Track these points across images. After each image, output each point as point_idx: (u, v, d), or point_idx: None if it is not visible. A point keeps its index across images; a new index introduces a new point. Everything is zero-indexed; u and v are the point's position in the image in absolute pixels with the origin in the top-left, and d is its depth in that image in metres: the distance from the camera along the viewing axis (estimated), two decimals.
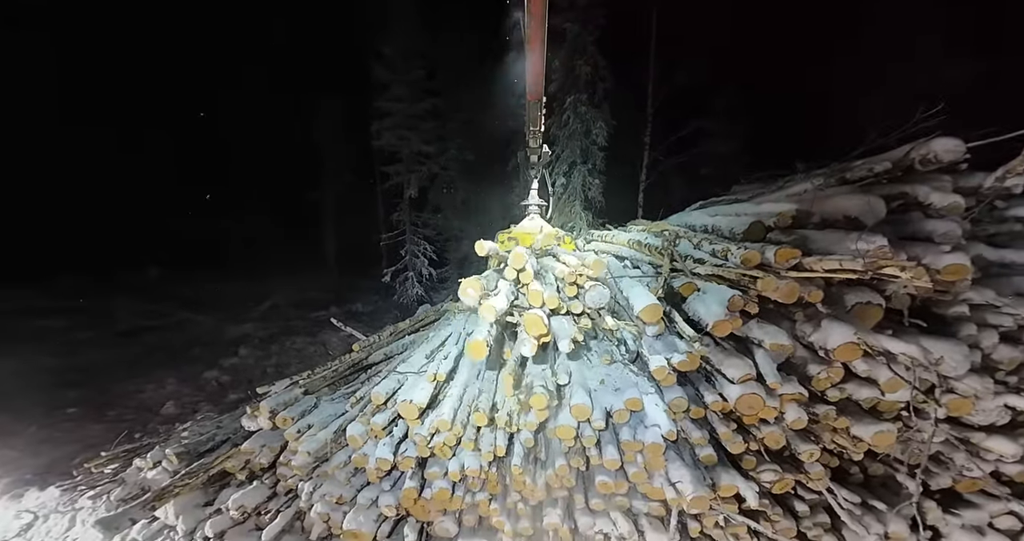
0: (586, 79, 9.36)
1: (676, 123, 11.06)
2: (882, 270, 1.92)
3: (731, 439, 2.52)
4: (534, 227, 4.28)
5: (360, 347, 4.11)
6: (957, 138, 2.51)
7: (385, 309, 11.13)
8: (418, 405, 2.70)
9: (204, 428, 3.94)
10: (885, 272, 1.92)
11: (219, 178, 17.02)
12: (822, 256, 2.18)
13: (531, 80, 2.94)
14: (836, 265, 2.05)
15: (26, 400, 5.70)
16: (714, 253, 2.75)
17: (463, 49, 11.82)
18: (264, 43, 16.31)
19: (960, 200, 2.55)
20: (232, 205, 17.01)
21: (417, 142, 10.72)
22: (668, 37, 10.22)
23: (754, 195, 3.57)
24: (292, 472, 3.05)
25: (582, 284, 2.76)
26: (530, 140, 3.81)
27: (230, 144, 16.71)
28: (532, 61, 2.71)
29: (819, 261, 2.16)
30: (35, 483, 3.77)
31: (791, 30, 11.49)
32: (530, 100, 3.24)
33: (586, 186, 9.49)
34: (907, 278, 1.78)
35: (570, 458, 2.59)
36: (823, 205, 2.60)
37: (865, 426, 2.38)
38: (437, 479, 2.70)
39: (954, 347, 2.24)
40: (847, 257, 2.07)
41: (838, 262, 2.06)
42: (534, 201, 4.36)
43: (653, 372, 2.55)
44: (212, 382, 6.62)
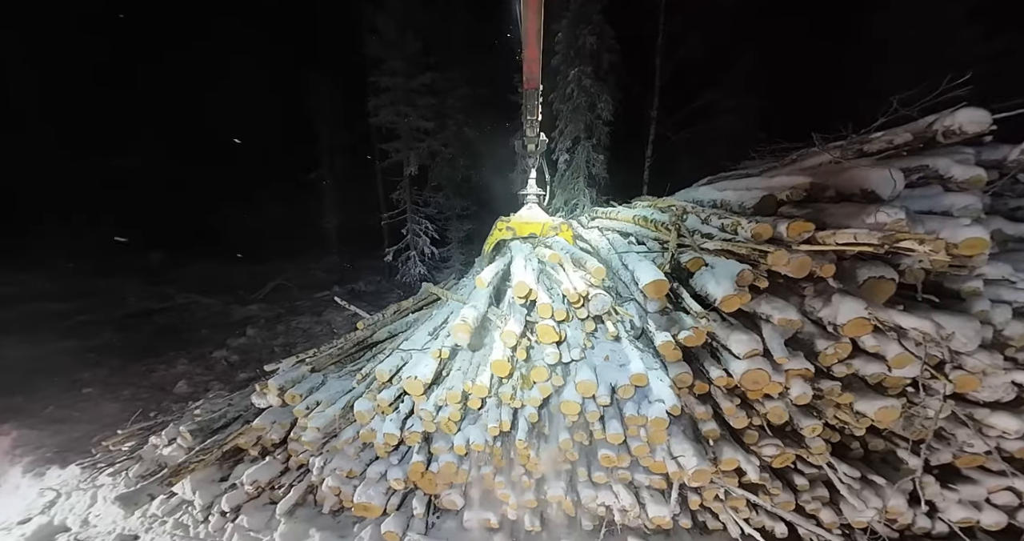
0: (591, 50, 8.96)
1: (685, 96, 10.68)
2: (899, 244, 1.85)
3: (734, 414, 2.53)
4: (532, 217, 4.24)
5: (365, 326, 4.13)
6: (982, 109, 2.39)
7: (388, 288, 11.16)
8: (423, 381, 2.73)
9: (216, 406, 4.03)
10: (902, 246, 1.85)
11: (219, 160, 16.79)
12: (836, 230, 2.12)
13: (527, 69, 2.81)
14: (851, 239, 1.99)
15: (42, 381, 5.84)
16: (723, 227, 2.68)
17: (461, 21, 11.34)
18: (259, 20, 15.71)
19: (982, 173, 2.45)
20: (233, 187, 16.86)
21: (416, 118, 10.44)
22: (677, 5, 9.72)
23: (765, 169, 3.46)
24: (303, 447, 3.12)
25: (588, 297, 2.78)
26: (527, 129, 3.71)
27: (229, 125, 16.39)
28: (528, 48, 2.58)
29: (833, 235, 2.09)
30: (56, 461, 3.89)
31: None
32: (527, 89, 3.11)
33: (590, 162, 9.27)
34: (924, 252, 1.72)
35: (574, 432, 2.62)
36: (839, 178, 2.51)
37: (869, 402, 2.38)
38: (443, 453, 2.76)
39: (966, 322, 2.20)
40: (863, 231, 2.00)
41: (853, 236, 1.99)
42: (532, 190, 4.30)
43: (659, 347, 2.54)
44: (221, 361, 6.73)
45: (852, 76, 10.74)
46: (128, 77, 16.17)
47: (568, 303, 2.89)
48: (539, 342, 2.72)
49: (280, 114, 15.64)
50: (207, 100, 16.24)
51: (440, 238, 11.59)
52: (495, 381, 2.69)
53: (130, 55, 15.99)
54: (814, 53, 11.12)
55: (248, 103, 15.84)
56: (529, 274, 3.10)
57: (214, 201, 17.00)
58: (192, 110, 16.46)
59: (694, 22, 9.76)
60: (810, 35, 11.18)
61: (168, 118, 16.61)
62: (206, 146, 16.80)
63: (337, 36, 13.03)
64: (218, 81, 15.97)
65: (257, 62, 15.79)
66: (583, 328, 2.87)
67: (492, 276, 3.33)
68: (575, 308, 2.88)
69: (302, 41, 15.01)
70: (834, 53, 10.92)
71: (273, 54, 15.62)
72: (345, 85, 12.82)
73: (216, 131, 16.49)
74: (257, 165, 16.72)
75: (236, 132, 16.07)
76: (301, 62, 13.64)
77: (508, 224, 4.25)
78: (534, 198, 4.34)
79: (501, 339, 2.69)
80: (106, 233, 15.16)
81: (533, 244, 4.06)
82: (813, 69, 11.17)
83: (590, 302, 2.76)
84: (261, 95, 15.91)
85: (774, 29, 11.02)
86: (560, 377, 2.64)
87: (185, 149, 16.95)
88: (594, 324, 2.89)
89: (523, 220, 4.21)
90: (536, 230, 4.24)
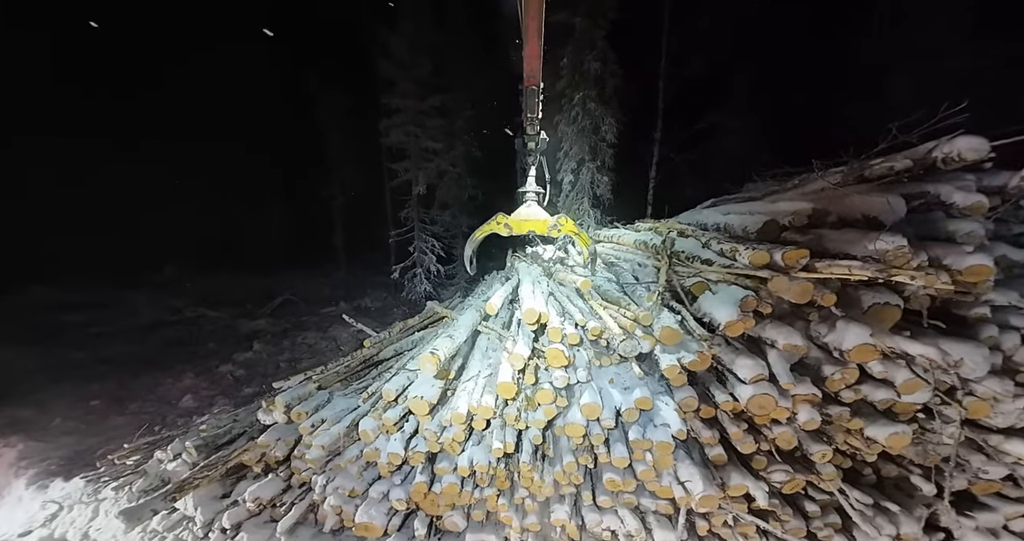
0: (595, 75, 9.25)
1: (688, 119, 10.90)
2: (894, 277, 1.89)
3: (742, 439, 2.51)
4: (531, 215, 4.17)
5: (371, 344, 4.16)
6: (981, 137, 2.43)
7: (393, 305, 11.24)
8: (429, 401, 2.74)
9: (222, 421, 4.04)
10: (897, 279, 1.88)
11: (233, 176, 17.29)
12: (832, 261, 2.15)
13: (528, 66, 2.84)
14: (846, 271, 2.02)
15: (50, 393, 5.91)
16: (722, 252, 2.71)
17: (470, 45, 11.78)
18: (275, 41, 16.44)
19: (984, 199, 2.47)
20: (246, 203, 17.29)
21: (425, 139, 10.74)
22: (680, 30, 10.04)
23: (768, 193, 3.52)
24: (306, 465, 3.11)
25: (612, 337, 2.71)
26: (527, 127, 3.71)
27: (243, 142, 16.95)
28: (529, 46, 2.61)
29: (829, 266, 2.13)
30: (60, 474, 3.91)
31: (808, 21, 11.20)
32: (527, 86, 3.13)
33: (595, 183, 9.42)
34: (919, 285, 1.74)
35: (579, 455, 2.60)
36: (841, 204, 2.55)
37: (879, 427, 2.35)
38: (446, 474, 2.74)
39: (974, 349, 2.19)
40: (857, 263, 2.03)
41: (847, 268, 2.03)
42: (531, 188, 4.26)
43: (664, 371, 2.54)
44: (227, 376, 6.78)
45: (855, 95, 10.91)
46: (147, 90, 16.82)
47: (583, 330, 2.86)
48: (549, 367, 2.71)
49: (295, 132, 16.15)
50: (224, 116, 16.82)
51: (446, 256, 11.72)
52: (500, 402, 2.69)
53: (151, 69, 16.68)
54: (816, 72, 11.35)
55: (264, 120, 16.41)
56: (538, 299, 3.10)
57: (229, 215, 17.40)
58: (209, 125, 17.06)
59: (696, 46, 10.05)
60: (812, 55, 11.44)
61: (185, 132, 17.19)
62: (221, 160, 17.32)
63: (352, 58, 13.57)
64: (236, 98, 16.58)
65: (274, 80, 16.43)
66: (590, 354, 2.86)
67: (502, 303, 3.34)
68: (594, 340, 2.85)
69: (318, 61, 15.62)
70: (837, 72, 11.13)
71: (290, 73, 16.23)
72: (358, 105, 13.28)
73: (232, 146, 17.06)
74: (271, 180, 17.16)
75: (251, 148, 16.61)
76: (317, 81, 14.16)
77: (507, 220, 4.16)
78: (534, 196, 4.29)
79: (509, 362, 2.69)
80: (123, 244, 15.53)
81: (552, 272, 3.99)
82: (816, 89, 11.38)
83: (619, 345, 2.66)
84: (277, 112, 16.47)
85: (775, 50, 11.31)
86: (565, 399, 2.63)
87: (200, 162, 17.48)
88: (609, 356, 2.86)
89: (522, 217, 4.15)
90: (535, 227, 4.16)
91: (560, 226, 4.13)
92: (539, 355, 2.79)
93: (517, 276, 4.04)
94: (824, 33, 11.21)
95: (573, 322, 2.89)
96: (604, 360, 2.82)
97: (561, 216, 4.23)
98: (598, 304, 2.91)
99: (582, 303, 3.05)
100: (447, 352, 2.80)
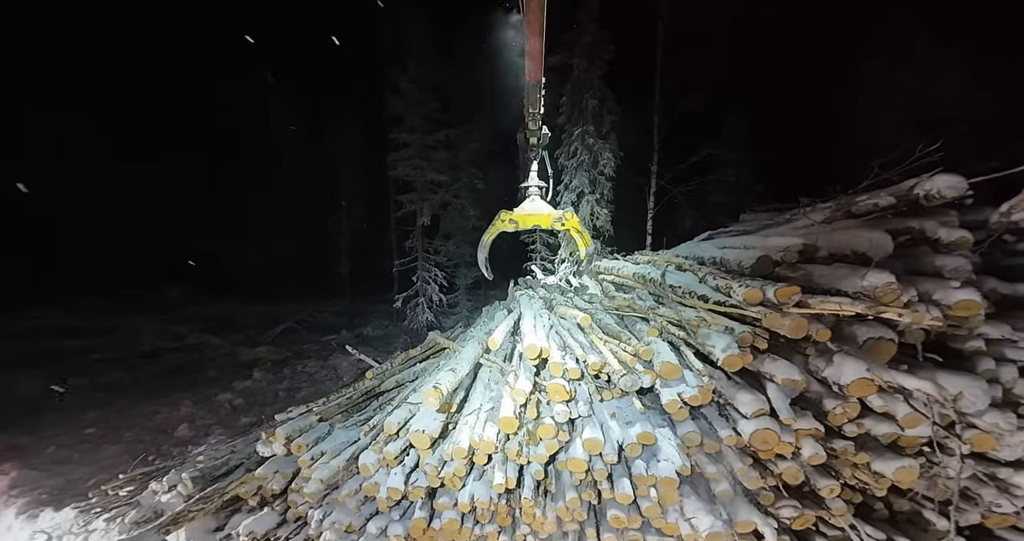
0: (593, 112, 9.74)
1: (683, 152, 11.32)
2: (882, 314, 1.95)
3: (747, 474, 2.48)
4: (535, 209, 4.19)
5: (373, 375, 4.17)
6: (958, 175, 2.56)
7: (395, 334, 11.22)
8: (430, 435, 2.73)
9: (219, 452, 3.99)
10: (885, 316, 1.94)
11: (240, 204, 17.78)
12: (824, 297, 2.22)
13: (530, 62, 2.92)
14: (836, 307, 2.09)
15: (47, 420, 5.85)
16: (718, 288, 2.79)
17: (475, 82, 12.46)
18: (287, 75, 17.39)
19: (967, 235, 2.57)
20: (254, 230, 17.66)
21: (430, 171, 11.14)
22: (673, 68, 10.63)
23: (761, 227, 3.63)
24: (303, 499, 3.06)
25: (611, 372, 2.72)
26: (529, 122, 3.76)
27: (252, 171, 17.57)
28: (530, 43, 2.69)
29: (820, 302, 2.20)
30: (51, 503, 3.83)
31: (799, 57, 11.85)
32: (529, 81, 3.19)
33: (595, 215, 9.67)
34: (907, 322, 1.81)
35: (581, 491, 2.56)
36: (830, 239, 2.65)
37: (886, 462, 2.32)
38: (447, 510, 2.69)
39: (972, 382, 2.21)
40: (847, 300, 2.11)
41: (838, 304, 2.10)
42: (534, 182, 4.31)
43: (665, 406, 2.55)
44: (225, 405, 6.70)
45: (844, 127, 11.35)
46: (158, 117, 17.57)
47: (584, 364, 2.86)
48: (550, 401, 2.71)
49: (305, 163, 16.74)
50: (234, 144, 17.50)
51: (448, 285, 11.83)
52: (502, 436, 2.68)
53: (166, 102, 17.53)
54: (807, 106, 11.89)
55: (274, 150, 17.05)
56: (540, 333, 3.13)
57: (236, 241, 17.73)
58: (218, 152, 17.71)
59: (689, 82, 10.60)
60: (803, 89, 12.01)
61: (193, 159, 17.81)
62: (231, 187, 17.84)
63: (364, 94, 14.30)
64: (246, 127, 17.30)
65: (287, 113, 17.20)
66: (591, 388, 2.86)
67: (504, 337, 3.38)
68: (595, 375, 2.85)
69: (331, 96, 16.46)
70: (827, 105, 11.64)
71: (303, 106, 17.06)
72: (368, 140, 13.87)
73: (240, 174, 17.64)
74: (280, 208, 17.59)
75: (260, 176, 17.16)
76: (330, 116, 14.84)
77: (511, 216, 4.16)
78: (536, 190, 4.31)
79: (511, 396, 2.70)
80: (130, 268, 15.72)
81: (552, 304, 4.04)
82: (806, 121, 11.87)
83: (619, 379, 2.66)
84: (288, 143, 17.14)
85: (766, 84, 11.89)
86: (567, 434, 2.63)
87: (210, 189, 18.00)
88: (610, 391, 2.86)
89: (526, 212, 4.15)
90: (540, 222, 4.17)
91: (565, 220, 4.17)
92: (541, 389, 2.80)
93: (518, 308, 4.10)
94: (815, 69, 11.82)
95: (574, 357, 2.91)
96: (605, 394, 2.82)
97: (567, 210, 4.28)
98: (598, 338, 2.95)
99: (583, 337, 3.09)
100: (450, 386, 2.81)
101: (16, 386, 6.99)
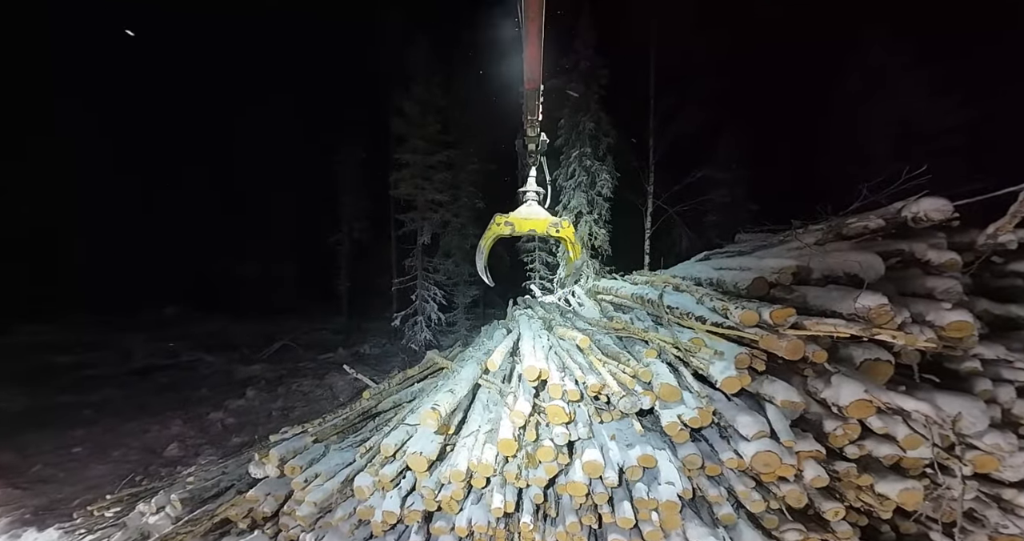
0: (590, 134, 10.02)
1: (679, 172, 11.59)
2: (877, 336, 1.99)
3: (750, 497, 2.44)
4: (532, 214, 4.17)
5: (370, 395, 4.13)
6: (943, 198, 2.64)
7: (392, 352, 11.11)
8: (428, 457, 2.69)
9: (209, 473, 3.89)
10: (879, 338, 1.98)
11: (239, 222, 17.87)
12: (819, 319, 2.26)
13: (529, 68, 2.96)
14: (831, 329, 2.12)
15: (35, 437, 5.71)
16: (715, 310, 2.82)
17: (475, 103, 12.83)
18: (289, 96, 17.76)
19: (957, 257, 2.64)
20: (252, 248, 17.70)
21: (431, 191, 11.32)
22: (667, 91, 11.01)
23: (756, 248, 3.70)
24: (295, 522, 2.97)
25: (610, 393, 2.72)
26: (527, 129, 3.80)
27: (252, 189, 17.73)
28: (529, 50, 2.75)
29: (816, 324, 2.23)
30: (34, 523, 3.71)
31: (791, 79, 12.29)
32: (528, 89, 3.25)
33: (593, 235, 9.80)
34: (901, 344, 1.84)
35: (582, 515, 2.51)
36: (823, 262, 2.71)
37: (890, 483, 2.30)
38: (444, 534, 2.62)
39: (971, 403, 2.22)
40: (841, 322, 2.14)
41: (833, 326, 2.13)
42: (532, 188, 4.32)
43: (665, 428, 2.54)
44: (217, 424, 6.56)
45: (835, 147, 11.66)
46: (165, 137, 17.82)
47: (584, 386, 2.84)
48: (550, 423, 2.68)
49: (308, 182, 16.94)
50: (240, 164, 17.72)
51: (447, 304, 11.82)
52: (500, 459, 2.64)
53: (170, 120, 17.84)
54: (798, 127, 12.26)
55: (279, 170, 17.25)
56: (539, 354, 3.12)
57: (234, 258, 17.73)
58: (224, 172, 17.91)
59: (682, 105, 10.95)
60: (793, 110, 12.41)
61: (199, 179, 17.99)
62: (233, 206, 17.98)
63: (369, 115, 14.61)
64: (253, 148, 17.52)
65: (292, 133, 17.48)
66: (591, 410, 2.84)
67: (502, 358, 3.37)
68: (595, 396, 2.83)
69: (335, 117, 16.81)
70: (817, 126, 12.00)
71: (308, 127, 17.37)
72: (370, 160, 14.13)
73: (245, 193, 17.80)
74: (280, 227, 17.70)
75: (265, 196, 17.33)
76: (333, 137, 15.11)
77: (507, 219, 4.12)
78: (534, 196, 4.32)
79: (510, 419, 2.68)
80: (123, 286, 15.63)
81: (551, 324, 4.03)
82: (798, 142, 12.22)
83: (619, 401, 2.65)
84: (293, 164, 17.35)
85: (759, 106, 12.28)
86: (566, 456, 2.59)
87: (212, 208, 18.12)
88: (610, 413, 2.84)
89: (522, 216, 4.12)
90: (536, 227, 4.15)
91: (561, 227, 4.16)
92: (540, 411, 2.77)
93: (518, 328, 4.09)
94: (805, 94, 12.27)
95: (573, 378, 2.90)
96: (605, 416, 2.80)
97: (564, 219, 4.30)
98: (597, 360, 2.95)
99: (582, 358, 3.08)
100: (448, 407, 2.78)
101: (2, 402, 6.84)
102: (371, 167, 13.99)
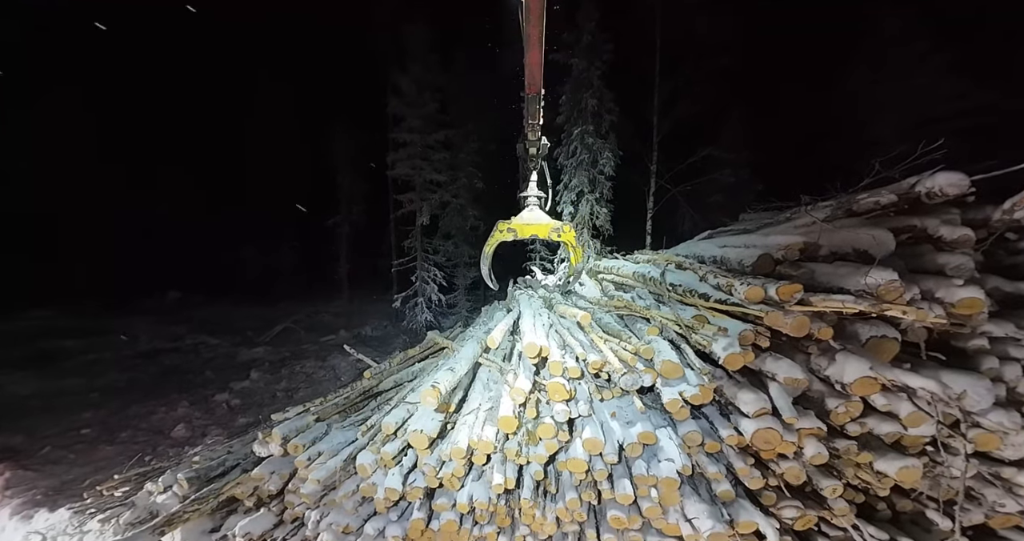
0: (592, 111, 9.73)
1: (683, 151, 11.32)
2: (885, 312, 1.93)
3: (749, 474, 2.45)
4: (534, 218, 4.22)
5: (371, 375, 4.14)
6: (960, 172, 2.54)
7: (394, 334, 11.17)
8: (428, 435, 2.70)
9: (215, 453, 3.95)
10: (889, 314, 1.92)
11: (239, 205, 17.72)
12: (826, 295, 2.20)
13: (529, 74, 2.93)
14: (839, 305, 2.07)
15: (43, 420, 5.80)
16: (719, 287, 2.76)
17: (474, 82, 12.45)
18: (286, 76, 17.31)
19: (970, 233, 2.55)
20: (252, 231, 17.61)
21: (430, 171, 11.12)
22: (671, 69, 10.63)
23: (761, 226, 3.61)
24: (300, 500, 3.02)
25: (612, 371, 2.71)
26: (529, 133, 3.78)
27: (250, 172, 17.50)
28: (530, 55, 2.71)
29: (823, 300, 2.17)
30: (46, 504, 3.79)
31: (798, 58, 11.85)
32: (529, 94, 3.21)
33: (594, 214, 9.66)
34: (911, 319, 1.79)
35: (581, 491, 2.54)
36: (831, 238, 2.63)
37: (889, 461, 2.30)
38: (445, 511, 2.66)
39: (976, 381, 2.19)
40: (849, 298, 2.08)
41: (841, 302, 2.08)
42: (533, 192, 4.34)
43: (666, 405, 2.53)
44: (223, 405, 6.65)
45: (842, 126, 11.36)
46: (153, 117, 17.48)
47: (584, 363, 2.83)
48: (550, 401, 2.68)
49: (305, 164, 16.69)
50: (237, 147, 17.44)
51: (447, 285, 11.80)
52: (500, 436, 2.65)
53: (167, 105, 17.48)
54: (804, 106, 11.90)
55: (276, 152, 16.98)
56: (539, 332, 3.10)
57: (234, 243, 17.67)
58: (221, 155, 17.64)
59: (687, 82, 10.60)
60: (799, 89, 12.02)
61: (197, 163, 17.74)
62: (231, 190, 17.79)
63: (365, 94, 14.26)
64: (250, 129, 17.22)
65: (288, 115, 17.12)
66: (591, 387, 2.83)
67: (503, 336, 3.35)
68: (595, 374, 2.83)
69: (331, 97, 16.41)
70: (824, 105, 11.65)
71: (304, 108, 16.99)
72: (367, 140, 13.82)
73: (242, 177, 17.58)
74: (278, 210, 17.54)
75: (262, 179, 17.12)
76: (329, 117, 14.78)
77: (509, 225, 4.19)
78: (535, 200, 4.35)
79: (510, 396, 2.68)
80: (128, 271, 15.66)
81: (552, 303, 4.01)
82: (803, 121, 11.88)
83: (619, 378, 2.64)
84: (289, 145, 17.07)
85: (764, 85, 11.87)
86: (567, 433, 2.60)
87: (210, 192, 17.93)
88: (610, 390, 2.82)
89: (524, 222, 4.18)
90: (538, 232, 4.21)
91: (562, 232, 4.20)
92: (540, 389, 2.77)
93: (518, 307, 4.07)
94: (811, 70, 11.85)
95: (574, 355, 2.88)
96: (606, 394, 2.80)
97: (565, 223, 4.31)
98: (598, 337, 2.92)
99: (583, 336, 3.06)
100: (448, 385, 2.78)
101: (10, 386, 6.93)
102: (369, 148, 13.71)
